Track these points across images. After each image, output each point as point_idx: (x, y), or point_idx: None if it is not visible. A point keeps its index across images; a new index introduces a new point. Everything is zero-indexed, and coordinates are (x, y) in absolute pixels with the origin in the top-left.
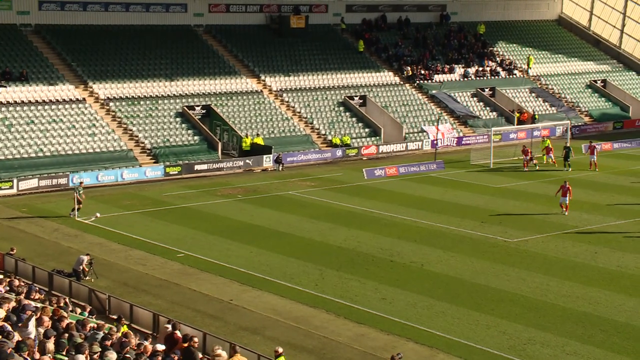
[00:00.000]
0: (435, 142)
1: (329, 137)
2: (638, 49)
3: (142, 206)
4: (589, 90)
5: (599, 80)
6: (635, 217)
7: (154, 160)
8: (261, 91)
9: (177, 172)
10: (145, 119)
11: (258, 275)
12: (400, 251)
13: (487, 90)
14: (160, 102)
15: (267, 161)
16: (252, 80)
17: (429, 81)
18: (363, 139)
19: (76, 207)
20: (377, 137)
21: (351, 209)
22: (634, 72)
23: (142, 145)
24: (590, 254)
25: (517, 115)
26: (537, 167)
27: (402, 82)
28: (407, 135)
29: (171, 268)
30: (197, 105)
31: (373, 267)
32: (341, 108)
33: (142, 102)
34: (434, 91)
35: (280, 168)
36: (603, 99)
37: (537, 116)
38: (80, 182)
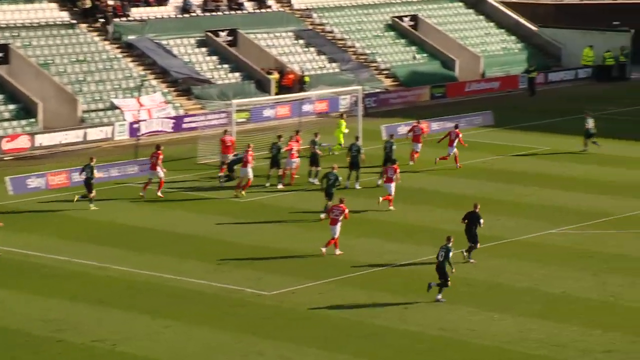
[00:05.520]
0: (136, 126)
1: None
2: None
3: None
4: (392, 33)
5: (406, 16)
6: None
7: None
8: None
9: None
10: None
11: None
12: (77, 322)
13: (223, 34)
14: None
15: None
16: None
17: (123, 19)
18: (5, 124)
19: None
20: (32, 120)
21: None
22: (460, 2)
23: None
24: (397, 312)
25: (276, 77)
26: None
27: (73, 21)
28: (84, 116)
29: None
30: None
31: (31, 356)
32: None
33: None
34: (131, 37)
35: None
36: (414, 48)
37: (307, 79)
38: None
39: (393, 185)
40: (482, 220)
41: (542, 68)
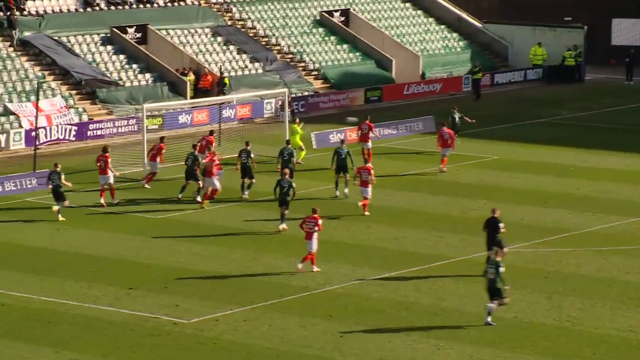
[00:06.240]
0: (34, 134)
1: None
2: None
3: None
4: (321, 30)
5: (336, 11)
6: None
7: None
8: None
9: None
10: None
11: None
12: None
13: (131, 30)
14: None
15: None
16: None
17: (16, 15)
18: None
19: None
20: None
21: None
22: None
23: None
24: (332, 341)
25: (192, 79)
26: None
27: None
28: None
29: None
30: None
31: None
32: None
33: None
34: (27, 33)
35: None
36: (346, 46)
37: (227, 81)
38: None
39: (369, 188)
40: (501, 225)
41: (487, 68)
